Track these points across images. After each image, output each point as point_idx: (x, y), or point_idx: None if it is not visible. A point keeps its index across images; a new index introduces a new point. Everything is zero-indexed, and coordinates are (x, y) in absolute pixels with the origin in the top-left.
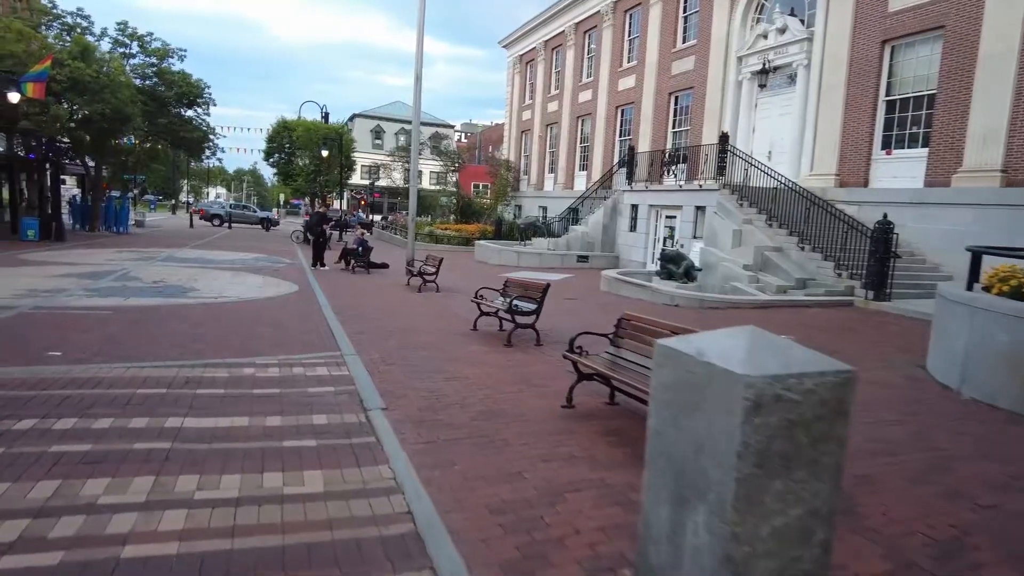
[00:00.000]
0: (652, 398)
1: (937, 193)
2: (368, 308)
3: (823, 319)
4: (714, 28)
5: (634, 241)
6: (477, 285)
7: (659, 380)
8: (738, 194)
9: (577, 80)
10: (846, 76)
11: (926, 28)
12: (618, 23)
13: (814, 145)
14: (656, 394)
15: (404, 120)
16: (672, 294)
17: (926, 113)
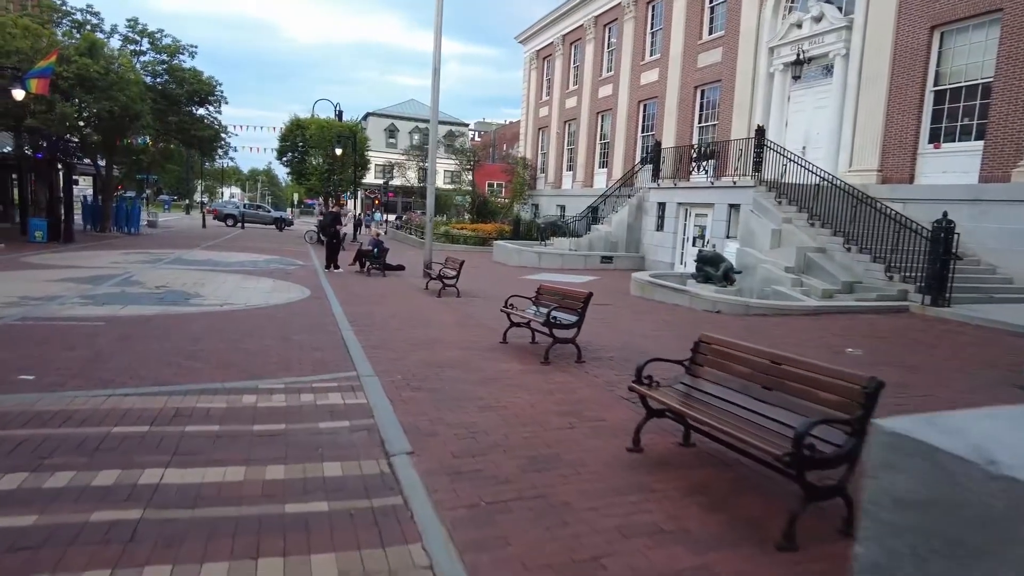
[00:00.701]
0: (867, 511)
1: (994, 189)
2: (385, 316)
3: (883, 328)
4: (743, 18)
5: (661, 241)
6: (499, 288)
7: (889, 487)
8: (776, 191)
9: (597, 75)
10: (889, 66)
11: (981, 12)
12: (640, 15)
13: (853, 139)
14: (877, 508)
15: (418, 119)
16: (714, 299)
17: (980, 103)
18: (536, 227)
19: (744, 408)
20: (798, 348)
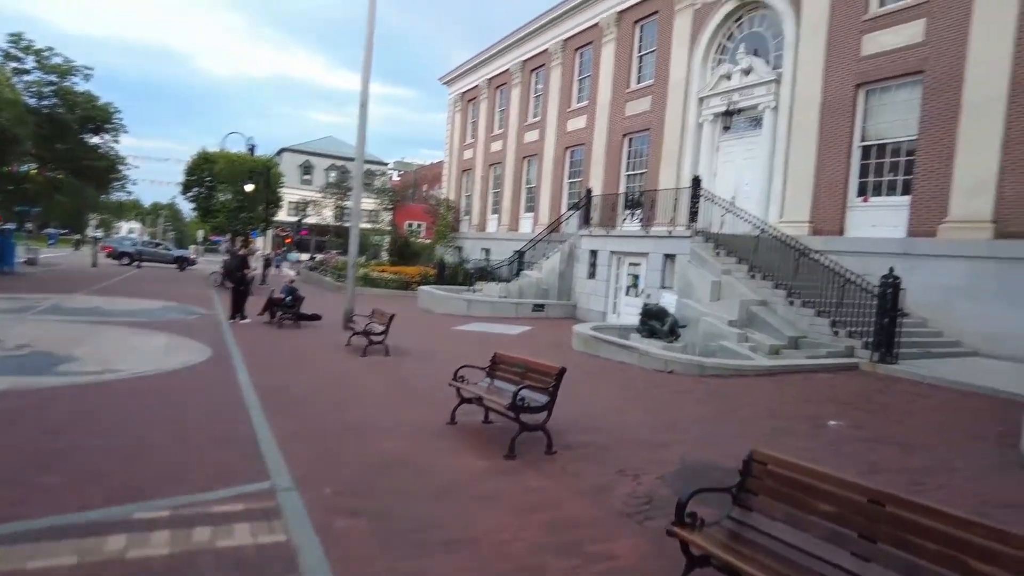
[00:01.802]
0: None
1: (923, 244)
2: (304, 386)
3: (847, 391)
4: (672, 68)
5: (593, 289)
6: (430, 343)
7: None
8: (713, 242)
9: (523, 119)
10: (818, 120)
11: (904, 73)
12: (568, 62)
13: (784, 191)
14: None
15: (336, 156)
16: (665, 358)
17: (906, 160)
18: (463, 271)
19: (842, 571)
20: (777, 420)
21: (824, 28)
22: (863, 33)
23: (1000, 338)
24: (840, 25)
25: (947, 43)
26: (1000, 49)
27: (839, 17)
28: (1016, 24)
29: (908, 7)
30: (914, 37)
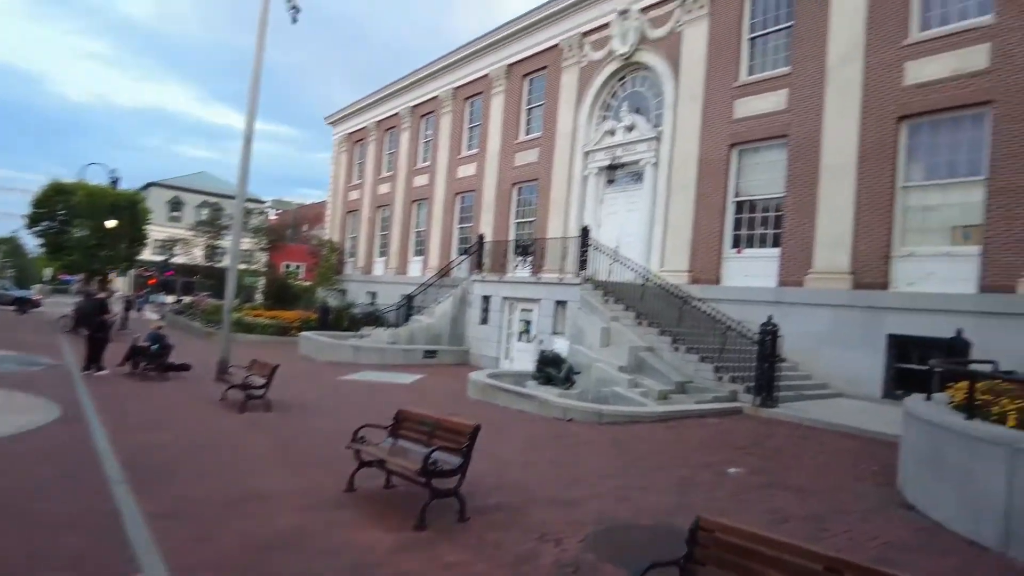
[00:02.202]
0: None
1: (792, 293)
2: (175, 449)
3: (736, 435)
4: (560, 122)
5: (486, 335)
6: (316, 395)
7: None
8: (602, 289)
9: (412, 163)
10: (696, 176)
11: (771, 136)
12: (458, 110)
13: (664, 241)
14: None
15: (210, 192)
16: (564, 406)
17: (775, 215)
18: (349, 316)
19: None
20: (680, 469)
21: (701, 91)
22: (735, 98)
23: (860, 380)
24: (715, 89)
25: (806, 112)
26: (849, 121)
27: (714, 82)
28: (861, 100)
29: (772, 78)
30: (779, 104)
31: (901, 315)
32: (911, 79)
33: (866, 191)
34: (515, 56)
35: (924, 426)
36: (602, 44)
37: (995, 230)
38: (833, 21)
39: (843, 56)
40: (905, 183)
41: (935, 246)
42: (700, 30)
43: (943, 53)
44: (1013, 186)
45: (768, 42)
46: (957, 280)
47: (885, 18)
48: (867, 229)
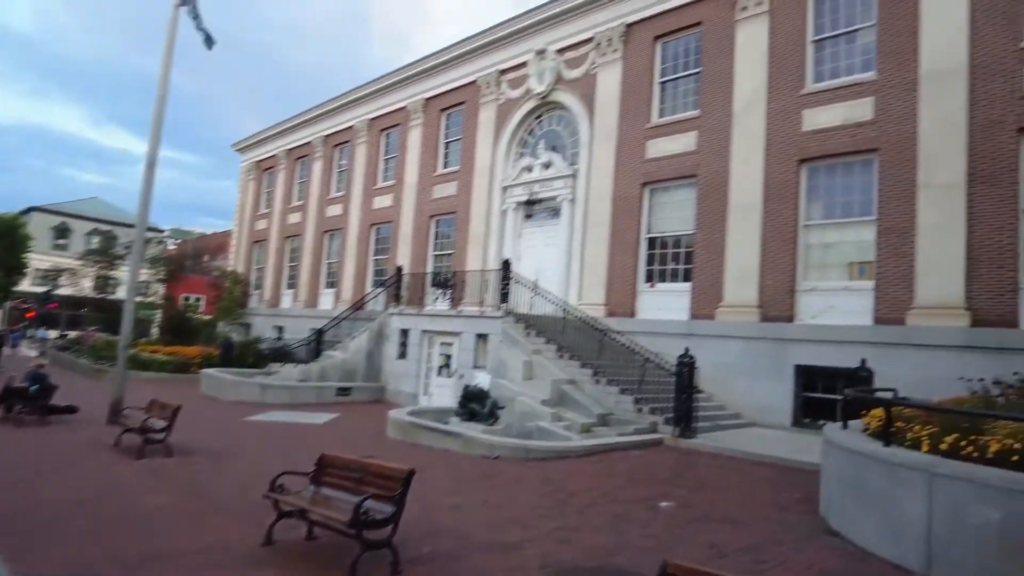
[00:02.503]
0: None
1: (704, 325)
2: (59, 504)
3: (661, 468)
4: (478, 157)
5: (404, 370)
6: (222, 437)
7: None
8: (523, 322)
9: (325, 193)
10: (610, 213)
11: (681, 176)
12: (373, 140)
13: (581, 275)
14: None
15: (102, 219)
16: (491, 443)
17: (686, 251)
18: (255, 351)
19: None
20: (614, 505)
21: (615, 131)
22: (647, 138)
23: (770, 409)
24: (628, 129)
25: (714, 154)
26: (754, 163)
27: (627, 123)
28: (764, 143)
29: (682, 120)
30: (688, 146)
31: (806, 346)
32: (808, 125)
33: (771, 229)
34: (433, 90)
35: (846, 454)
36: (520, 82)
37: (885, 266)
38: (738, 69)
39: (747, 102)
40: (806, 222)
41: (835, 281)
42: (614, 73)
43: (835, 103)
44: (898, 226)
45: (678, 86)
46: (855, 313)
47: (784, 69)
48: (773, 264)
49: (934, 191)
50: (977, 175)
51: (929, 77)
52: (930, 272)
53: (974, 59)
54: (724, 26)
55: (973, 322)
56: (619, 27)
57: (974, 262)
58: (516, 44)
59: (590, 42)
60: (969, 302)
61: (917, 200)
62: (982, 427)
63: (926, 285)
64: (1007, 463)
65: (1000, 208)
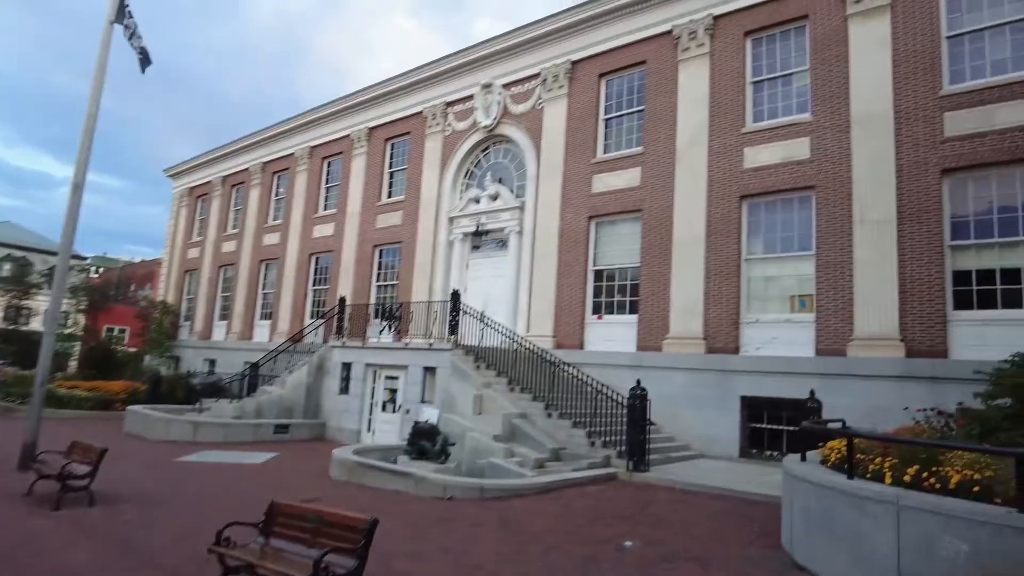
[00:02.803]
0: None
1: (651, 357)
2: None
3: (620, 504)
4: (424, 187)
5: (346, 405)
6: (151, 481)
7: None
8: (473, 355)
9: (263, 221)
10: (558, 245)
11: (626, 210)
12: (315, 168)
13: (529, 307)
14: None
15: (14, 245)
16: (444, 483)
17: (632, 284)
18: (185, 386)
19: None
20: (578, 547)
21: (561, 165)
22: (593, 173)
23: (718, 440)
24: (574, 164)
25: (659, 189)
26: (697, 198)
27: (573, 157)
28: (707, 180)
29: (627, 156)
30: (632, 181)
31: (751, 377)
32: (749, 163)
33: (715, 262)
34: (378, 119)
35: (811, 487)
36: (466, 115)
37: (824, 299)
38: (681, 108)
39: (690, 140)
40: (748, 256)
41: (777, 313)
42: (560, 109)
43: (774, 142)
44: (836, 260)
45: (623, 123)
46: (798, 344)
47: (725, 108)
48: (717, 297)
49: (868, 227)
50: (906, 213)
51: (859, 120)
52: (867, 305)
53: (898, 105)
54: (667, 66)
55: (908, 353)
56: (565, 63)
57: (906, 295)
58: (462, 77)
59: (536, 77)
60: (904, 333)
61: (853, 236)
62: (939, 457)
63: (864, 317)
64: (969, 493)
65: (928, 244)
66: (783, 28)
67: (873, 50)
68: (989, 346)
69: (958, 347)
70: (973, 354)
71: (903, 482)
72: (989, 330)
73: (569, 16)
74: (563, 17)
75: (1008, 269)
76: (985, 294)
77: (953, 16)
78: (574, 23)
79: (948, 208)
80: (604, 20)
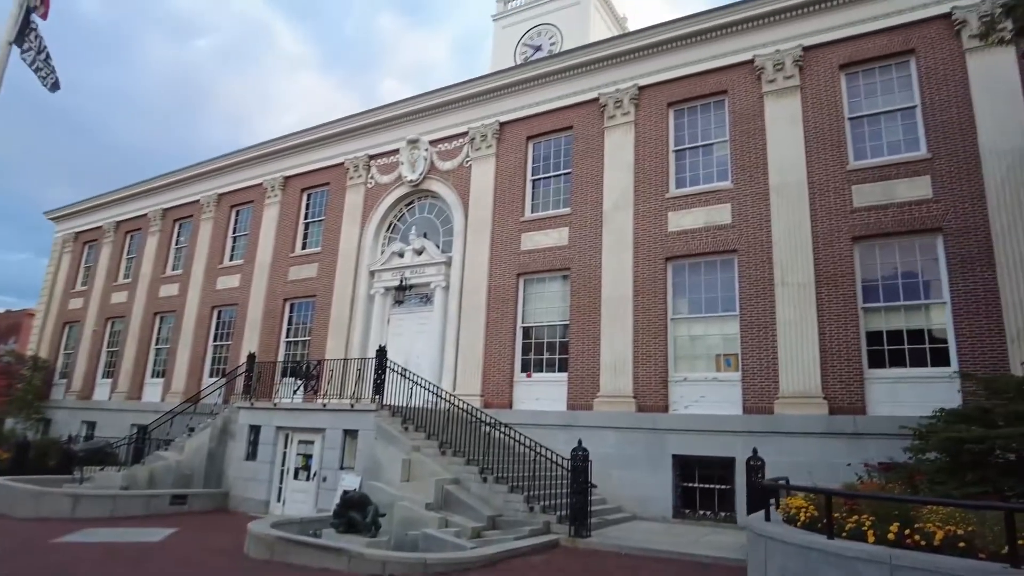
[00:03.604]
0: None
1: (582, 416)
2: None
3: (573, 574)
4: (343, 239)
5: (254, 473)
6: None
7: None
8: (401, 416)
9: (159, 271)
10: (486, 301)
11: (554, 268)
12: (222, 217)
13: (456, 364)
14: None
15: None
16: (383, 558)
17: (561, 341)
18: (60, 452)
19: None
20: None
21: (489, 223)
22: (521, 231)
23: (650, 501)
24: (502, 222)
25: (586, 249)
26: (624, 259)
27: (501, 215)
28: (633, 241)
29: (555, 216)
30: (561, 241)
31: (682, 436)
32: (673, 227)
33: (643, 321)
34: (294, 169)
35: (791, 548)
36: (391, 168)
37: (750, 359)
38: (607, 172)
39: (616, 203)
40: (674, 315)
41: (704, 372)
42: (487, 167)
43: (697, 207)
44: (759, 321)
45: (550, 184)
46: (726, 402)
47: (649, 174)
48: (645, 355)
49: (789, 289)
50: (823, 277)
51: (777, 189)
52: (791, 364)
53: (811, 176)
54: (594, 131)
55: (831, 410)
56: (493, 124)
57: (827, 354)
58: (388, 131)
59: (464, 136)
60: (826, 391)
61: (775, 297)
62: (911, 513)
63: (788, 376)
64: (955, 549)
65: (844, 306)
66: (704, 101)
67: (787, 125)
68: (902, 402)
69: (874, 403)
70: (888, 410)
71: (887, 540)
72: (901, 387)
73: (497, 79)
74: (492, 80)
75: (913, 330)
76: (895, 353)
77: (853, 100)
78: (502, 86)
79: (859, 273)
80: (532, 85)
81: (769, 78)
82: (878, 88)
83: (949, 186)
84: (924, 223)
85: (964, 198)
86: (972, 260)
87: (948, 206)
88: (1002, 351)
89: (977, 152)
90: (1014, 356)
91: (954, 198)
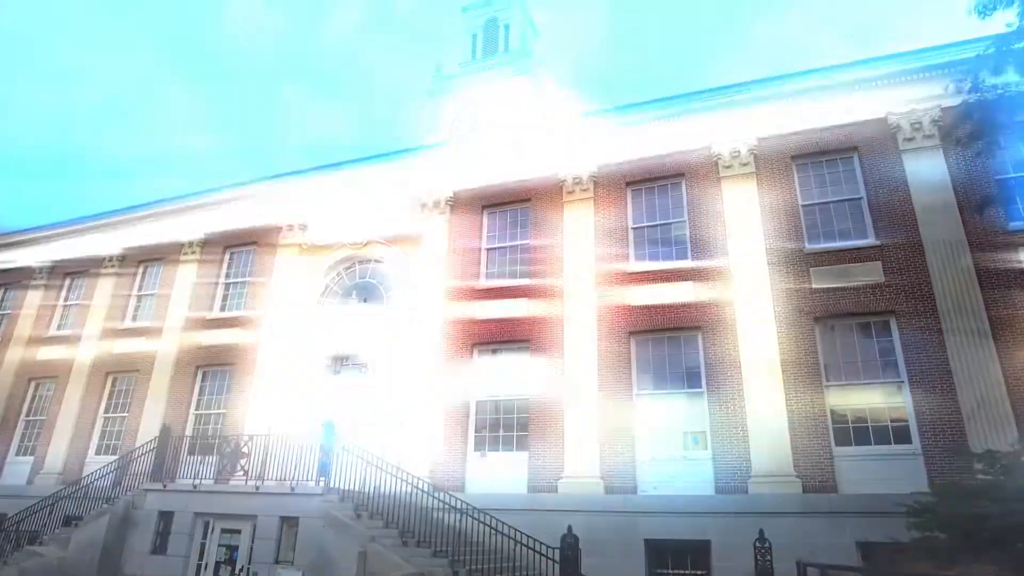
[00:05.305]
0: None
1: (546, 499)
2: None
3: None
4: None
5: (162, 569)
6: None
7: None
8: (352, 500)
9: (40, 331)
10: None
11: (512, 340)
12: (126, 273)
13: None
14: None
15: None
16: None
17: (519, 416)
18: None
19: None
20: None
21: (441, 292)
22: (477, 300)
23: None
24: (455, 291)
25: (548, 322)
26: (587, 333)
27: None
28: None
29: (512, 287)
30: (519, 312)
31: (653, 518)
32: (636, 301)
33: (608, 398)
34: (218, 226)
35: None
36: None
37: (719, 437)
38: (567, 245)
39: (576, 276)
40: (639, 391)
41: (672, 451)
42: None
43: (658, 283)
44: (728, 398)
45: (506, 254)
46: (697, 483)
47: (610, 249)
48: (613, 433)
49: (755, 366)
50: (787, 355)
51: (738, 268)
52: (762, 441)
53: (771, 257)
54: (553, 205)
55: (804, 488)
56: (446, 192)
57: (795, 432)
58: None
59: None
60: (797, 469)
61: (742, 375)
62: None
63: (759, 454)
64: None
65: (809, 385)
66: (661, 183)
67: (745, 208)
68: (869, 480)
69: (845, 482)
70: (859, 488)
71: None
72: (867, 465)
73: (451, 151)
74: (446, 150)
75: (875, 408)
76: (859, 431)
77: (804, 189)
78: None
79: (821, 351)
80: (487, 157)
81: (726, 164)
82: (826, 179)
83: (899, 271)
84: (878, 305)
85: (913, 283)
86: (924, 342)
87: (899, 290)
88: (960, 427)
89: (920, 241)
90: (972, 432)
91: (904, 283)
